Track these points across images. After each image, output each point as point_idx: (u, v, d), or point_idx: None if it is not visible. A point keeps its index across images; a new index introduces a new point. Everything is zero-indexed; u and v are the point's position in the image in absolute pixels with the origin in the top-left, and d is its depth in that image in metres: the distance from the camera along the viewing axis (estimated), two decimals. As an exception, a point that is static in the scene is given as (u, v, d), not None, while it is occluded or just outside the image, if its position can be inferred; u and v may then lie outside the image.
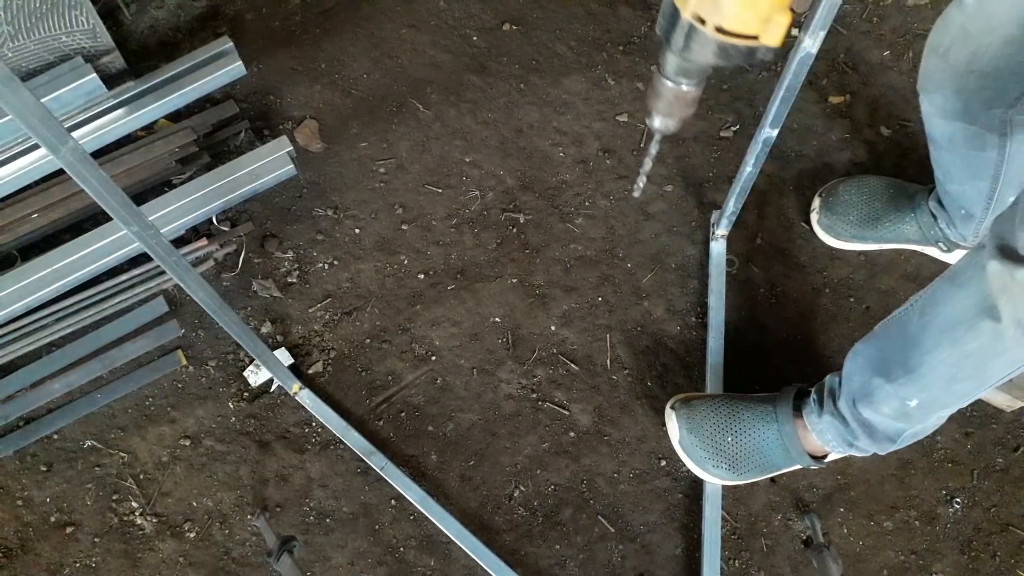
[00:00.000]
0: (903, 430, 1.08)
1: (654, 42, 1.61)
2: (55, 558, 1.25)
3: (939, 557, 1.30)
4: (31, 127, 0.72)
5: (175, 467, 1.30)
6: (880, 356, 1.05)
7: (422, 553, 1.27)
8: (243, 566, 1.25)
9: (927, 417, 1.05)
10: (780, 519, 1.31)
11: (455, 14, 1.61)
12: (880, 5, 1.64)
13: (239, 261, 1.42)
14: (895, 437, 1.09)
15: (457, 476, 1.31)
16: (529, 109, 1.54)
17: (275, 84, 1.54)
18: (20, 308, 1.33)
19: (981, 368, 0.94)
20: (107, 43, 1.43)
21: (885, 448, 1.11)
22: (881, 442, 1.11)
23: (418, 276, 1.43)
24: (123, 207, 0.86)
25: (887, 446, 1.11)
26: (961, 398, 1.01)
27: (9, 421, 1.31)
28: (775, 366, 1.38)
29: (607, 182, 1.50)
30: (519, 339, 1.39)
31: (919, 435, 1.10)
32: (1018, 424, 1.36)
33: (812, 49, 0.98)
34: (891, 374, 1.01)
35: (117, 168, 1.40)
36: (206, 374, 1.35)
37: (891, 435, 1.09)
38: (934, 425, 1.08)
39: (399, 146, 1.51)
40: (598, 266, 1.44)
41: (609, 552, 1.28)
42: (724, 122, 1.55)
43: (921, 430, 1.09)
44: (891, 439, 1.10)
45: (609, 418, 1.35)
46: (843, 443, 1.14)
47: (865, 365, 1.08)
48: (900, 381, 1.01)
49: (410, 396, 1.36)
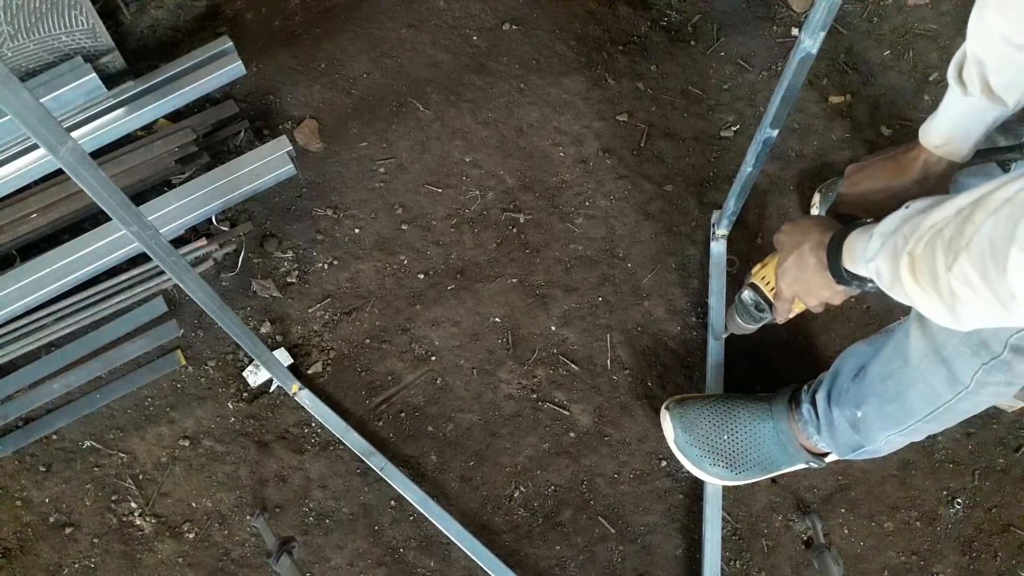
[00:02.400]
0: (858, 444, 1.11)
1: (654, 42, 1.61)
2: (54, 558, 1.25)
3: (940, 558, 1.30)
4: (30, 127, 0.72)
5: (174, 467, 1.30)
6: (861, 361, 1.08)
7: (422, 554, 1.27)
8: (242, 567, 1.25)
9: (874, 435, 1.07)
10: (781, 520, 1.31)
11: (455, 14, 1.61)
12: (880, 5, 1.64)
13: (238, 261, 1.41)
14: (847, 447, 1.13)
15: (457, 477, 1.31)
16: (529, 109, 1.54)
17: (275, 84, 1.53)
18: (19, 308, 1.33)
19: (902, 395, 0.98)
20: (107, 43, 1.43)
21: (842, 453, 1.15)
22: (840, 446, 1.14)
23: (418, 276, 1.42)
24: (122, 207, 0.86)
25: (844, 451, 1.14)
26: (896, 423, 1.03)
27: (8, 421, 1.30)
28: (775, 366, 1.38)
29: (607, 182, 1.49)
30: (519, 339, 1.39)
31: (871, 454, 1.13)
32: (1019, 424, 1.36)
33: (812, 49, 0.98)
34: (856, 377, 1.06)
35: (116, 168, 1.39)
36: (205, 374, 1.35)
37: (847, 443, 1.12)
38: (886, 449, 1.10)
39: (399, 146, 1.50)
40: (598, 266, 1.44)
41: (609, 553, 1.28)
42: (724, 122, 1.55)
43: (872, 451, 1.11)
44: (849, 447, 1.12)
45: (609, 418, 1.35)
46: (814, 431, 1.17)
47: (851, 364, 1.10)
48: (857, 386, 1.05)
49: (410, 396, 1.35)
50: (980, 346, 0.87)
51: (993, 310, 0.66)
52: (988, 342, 0.86)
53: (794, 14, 1.63)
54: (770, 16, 1.63)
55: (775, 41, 1.61)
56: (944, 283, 0.68)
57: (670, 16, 1.63)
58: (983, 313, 0.68)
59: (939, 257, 0.68)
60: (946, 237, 0.67)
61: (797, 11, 1.63)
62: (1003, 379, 0.89)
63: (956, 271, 0.66)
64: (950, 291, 0.68)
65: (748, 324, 1.18)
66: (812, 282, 0.94)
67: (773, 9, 1.64)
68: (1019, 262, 0.60)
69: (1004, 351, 0.85)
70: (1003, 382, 0.89)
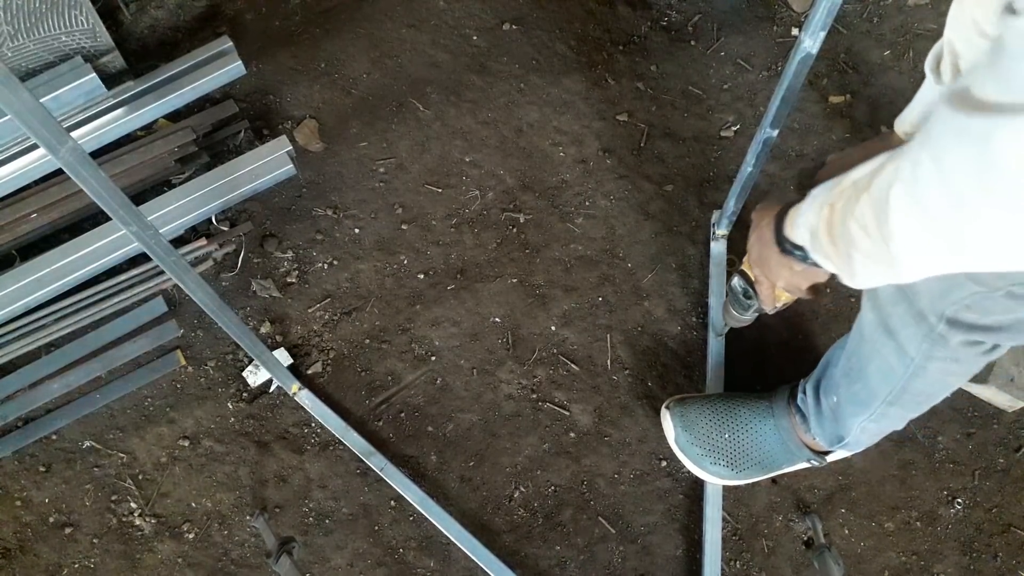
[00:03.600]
0: (839, 434, 1.11)
1: (654, 42, 1.61)
2: (54, 559, 1.25)
3: (940, 558, 1.30)
4: (30, 127, 0.72)
5: (174, 468, 1.30)
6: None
7: (422, 554, 1.27)
8: (242, 567, 1.25)
9: (848, 421, 1.07)
10: (781, 520, 1.30)
11: (455, 14, 1.61)
12: (880, 5, 1.64)
13: (238, 261, 1.41)
14: (832, 437, 1.12)
15: (457, 477, 1.31)
16: (529, 109, 1.54)
17: (275, 84, 1.53)
18: (19, 308, 1.33)
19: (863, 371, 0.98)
20: (107, 43, 1.43)
21: (830, 443, 1.14)
22: (827, 436, 1.13)
23: (418, 276, 1.42)
24: (122, 207, 0.86)
25: (832, 442, 1.13)
26: (863, 406, 1.02)
27: (8, 421, 1.30)
28: (775, 366, 1.38)
29: (607, 182, 1.49)
30: (519, 339, 1.39)
31: (854, 447, 1.13)
32: (1019, 424, 1.36)
33: (812, 49, 0.98)
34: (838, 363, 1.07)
35: (116, 168, 1.39)
36: (205, 374, 1.35)
37: (832, 432, 1.12)
38: (864, 439, 1.10)
39: (399, 146, 1.50)
40: (598, 266, 1.44)
41: (609, 553, 1.28)
42: (724, 122, 1.55)
43: (854, 442, 1.11)
44: (834, 436, 1.12)
45: (609, 418, 1.35)
46: (806, 420, 1.16)
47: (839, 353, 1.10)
48: (836, 372, 1.06)
49: (410, 396, 1.35)
50: (919, 317, 0.84)
51: (879, 255, 0.64)
52: (925, 313, 0.83)
53: (794, 14, 1.63)
54: (770, 16, 1.63)
55: (775, 41, 1.61)
56: (847, 229, 0.67)
57: (670, 16, 1.63)
58: (872, 262, 0.66)
59: (849, 205, 0.67)
60: (859, 186, 0.66)
61: (797, 11, 1.63)
62: (947, 355, 0.86)
63: (857, 213, 0.65)
64: (850, 238, 0.67)
65: (740, 313, 1.17)
66: (769, 258, 0.91)
67: (773, 9, 1.64)
68: (898, 197, 0.59)
69: (939, 323, 0.82)
70: (948, 358, 0.87)
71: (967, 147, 0.51)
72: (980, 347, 0.84)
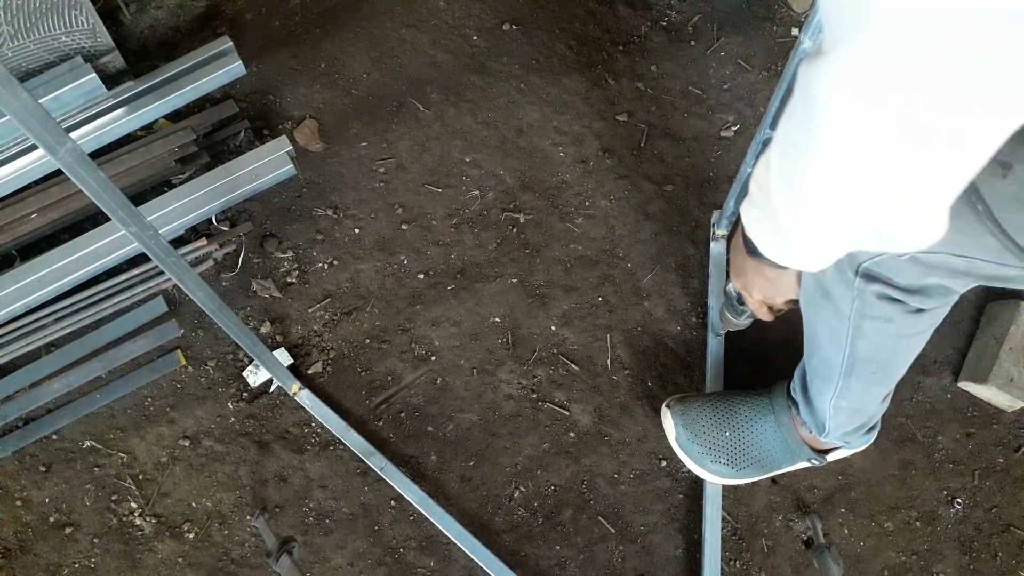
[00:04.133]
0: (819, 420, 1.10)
1: (654, 42, 1.61)
2: (54, 558, 1.25)
3: (940, 558, 1.30)
4: (30, 128, 0.72)
5: (174, 467, 1.30)
6: None
7: (422, 554, 1.27)
8: (242, 567, 1.25)
9: (819, 402, 1.07)
10: (781, 519, 1.30)
11: (455, 14, 1.61)
12: (881, 5, 1.64)
13: (238, 261, 1.41)
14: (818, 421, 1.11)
15: (457, 477, 1.31)
16: (529, 109, 1.54)
17: (275, 84, 1.53)
18: (19, 308, 1.33)
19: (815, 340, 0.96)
20: (107, 43, 1.43)
21: (818, 430, 1.13)
22: (815, 422, 1.13)
23: (418, 276, 1.42)
24: (122, 208, 0.86)
25: (819, 428, 1.13)
26: (825, 381, 1.01)
27: (8, 421, 1.30)
28: (775, 366, 1.38)
29: (607, 182, 1.49)
30: (519, 339, 1.39)
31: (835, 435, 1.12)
32: (1019, 424, 1.36)
33: (812, 49, 0.97)
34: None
35: (116, 168, 1.39)
36: (205, 374, 1.35)
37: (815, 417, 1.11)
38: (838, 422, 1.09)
39: (399, 146, 1.50)
40: (598, 266, 1.44)
41: (609, 553, 1.28)
42: (724, 122, 1.55)
43: (835, 427, 1.10)
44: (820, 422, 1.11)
45: (609, 418, 1.35)
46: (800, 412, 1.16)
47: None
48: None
49: (410, 396, 1.35)
50: (842, 272, 0.83)
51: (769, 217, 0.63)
52: (844, 267, 0.82)
53: (794, 14, 1.63)
54: (770, 16, 1.63)
55: (775, 41, 1.61)
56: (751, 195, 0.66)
57: (670, 16, 1.63)
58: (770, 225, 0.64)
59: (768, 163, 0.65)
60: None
61: (797, 11, 1.63)
62: (877, 313, 0.84)
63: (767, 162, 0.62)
64: (752, 200, 0.66)
65: (735, 318, 1.17)
66: (743, 264, 0.90)
67: (773, 9, 1.64)
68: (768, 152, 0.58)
69: (856, 278, 0.81)
70: (880, 317, 0.85)
71: (797, 97, 0.51)
72: (903, 307, 0.83)
